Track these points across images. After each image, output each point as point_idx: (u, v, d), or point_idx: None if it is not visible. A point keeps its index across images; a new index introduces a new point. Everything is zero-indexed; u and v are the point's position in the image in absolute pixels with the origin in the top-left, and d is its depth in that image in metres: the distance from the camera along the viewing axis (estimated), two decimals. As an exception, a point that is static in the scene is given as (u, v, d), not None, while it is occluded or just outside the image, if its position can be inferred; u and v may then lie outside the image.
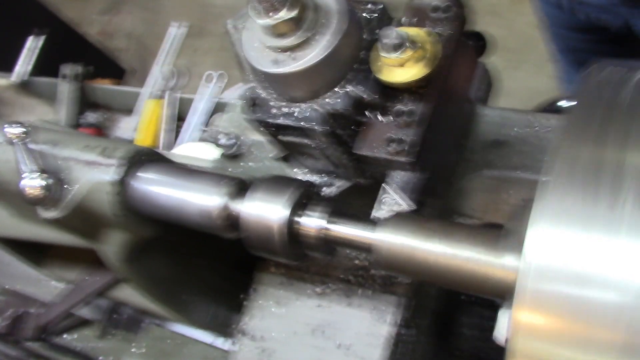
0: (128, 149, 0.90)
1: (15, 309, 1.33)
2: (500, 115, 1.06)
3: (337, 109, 0.79)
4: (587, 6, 1.68)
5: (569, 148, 0.60)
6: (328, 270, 0.95)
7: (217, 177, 0.87)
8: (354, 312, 0.92)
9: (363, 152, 0.82)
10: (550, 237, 0.56)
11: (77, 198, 0.89)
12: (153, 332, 1.32)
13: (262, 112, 0.84)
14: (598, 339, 0.54)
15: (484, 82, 1.08)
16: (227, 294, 1.09)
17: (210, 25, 3.77)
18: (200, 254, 1.11)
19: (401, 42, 0.75)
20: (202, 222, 0.85)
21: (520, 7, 3.18)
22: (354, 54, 0.80)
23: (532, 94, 2.75)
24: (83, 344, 1.34)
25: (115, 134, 1.86)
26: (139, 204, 0.89)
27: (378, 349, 0.88)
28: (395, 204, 0.82)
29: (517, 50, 3.04)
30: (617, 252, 0.54)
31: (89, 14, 4.20)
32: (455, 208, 1.01)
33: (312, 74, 0.77)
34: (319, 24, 0.76)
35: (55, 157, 0.91)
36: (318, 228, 0.79)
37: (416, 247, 0.72)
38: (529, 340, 0.56)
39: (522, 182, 0.97)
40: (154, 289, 1.06)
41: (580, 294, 0.54)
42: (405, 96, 0.80)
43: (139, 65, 3.70)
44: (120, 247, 0.95)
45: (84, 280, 1.17)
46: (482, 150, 1.03)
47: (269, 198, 0.80)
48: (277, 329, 0.95)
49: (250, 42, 0.80)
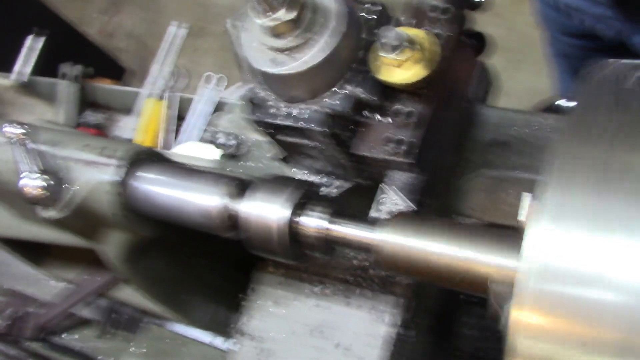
0: (128, 148, 0.90)
1: (15, 309, 1.33)
2: (499, 115, 1.06)
3: (336, 110, 0.79)
4: (582, 13, 1.68)
5: (570, 147, 0.60)
6: (327, 270, 0.95)
7: (217, 177, 0.87)
8: (353, 312, 0.92)
9: (362, 153, 0.82)
10: (550, 237, 0.56)
11: (77, 198, 0.89)
12: (152, 332, 1.32)
13: (261, 112, 0.84)
14: (598, 339, 0.54)
15: (483, 81, 1.08)
16: (227, 294, 1.09)
17: (210, 25, 3.77)
18: (200, 254, 1.11)
19: (400, 42, 0.75)
20: (202, 222, 0.85)
21: (521, 7, 3.17)
22: (352, 54, 0.80)
23: (532, 94, 2.75)
24: (83, 344, 1.35)
25: (115, 134, 1.86)
26: (139, 203, 0.89)
27: (377, 349, 0.88)
28: (393, 205, 0.82)
29: (517, 50, 3.04)
30: (617, 252, 0.54)
31: (89, 13, 4.20)
32: (454, 207, 1.01)
33: (310, 74, 0.77)
34: (318, 24, 0.76)
35: (55, 156, 0.91)
36: (318, 228, 0.79)
37: (417, 247, 0.72)
38: (528, 340, 0.56)
39: (521, 182, 0.97)
40: (154, 289, 1.06)
41: (580, 294, 0.54)
42: (404, 96, 0.80)
43: (139, 65, 3.70)
44: (120, 247, 0.95)
45: (84, 280, 1.17)
46: (481, 150, 1.03)
47: (269, 198, 0.80)
48: (276, 328, 0.95)
49: (249, 42, 0.80)
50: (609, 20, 1.63)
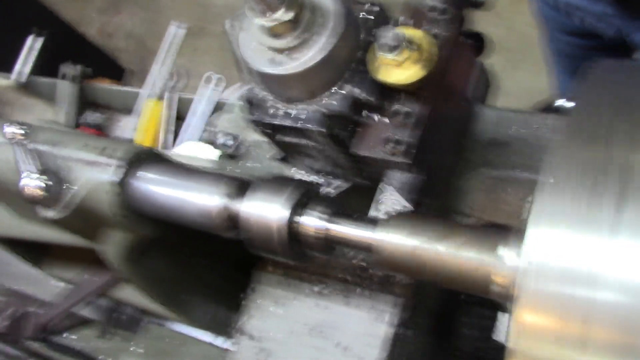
0: (128, 148, 0.90)
1: (15, 309, 1.33)
2: (498, 114, 1.06)
3: (335, 110, 0.80)
4: (582, 11, 1.68)
5: (569, 147, 0.60)
6: (326, 269, 0.95)
7: (217, 177, 0.87)
8: (352, 311, 0.92)
9: (360, 152, 0.82)
10: (551, 237, 0.56)
11: (77, 198, 0.89)
12: (152, 332, 1.32)
13: (260, 112, 0.84)
14: (598, 339, 0.54)
15: (482, 81, 1.08)
16: (227, 293, 1.09)
17: (210, 25, 3.77)
18: (200, 254, 1.11)
19: (398, 42, 0.75)
20: (202, 221, 0.85)
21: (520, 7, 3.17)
22: (351, 54, 0.80)
23: (532, 94, 2.75)
24: (83, 344, 1.35)
25: (115, 134, 1.86)
26: (139, 203, 0.89)
27: (376, 349, 0.88)
28: (392, 204, 0.83)
29: (516, 50, 3.04)
30: (617, 252, 0.54)
31: (88, 13, 4.19)
32: (454, 207, 1.01)
33: (309, 75, 0.77)
34: (317, 25, 0.76)
35: (55, 156, 0.91)
36: (318, 228, 0.79)
37: (417, 246, 0.72)
38: (528, 340, 0.57)
39: (520, 182, 0.97)
40: (154, 288, 1.06)
41: (580, 294, 0.54)
42: (402, 96, 0.81)
43: (138, 65, 3.70)
44: (121, 247, 0.95)
45: (84, 280, 1.17)
46: (481, 150, 1.03)
47: (269, 197, 0.81)
48: (276, 328, 0.95)
49: (247, 42, 0.81)
50: (609, 18, 1.63)
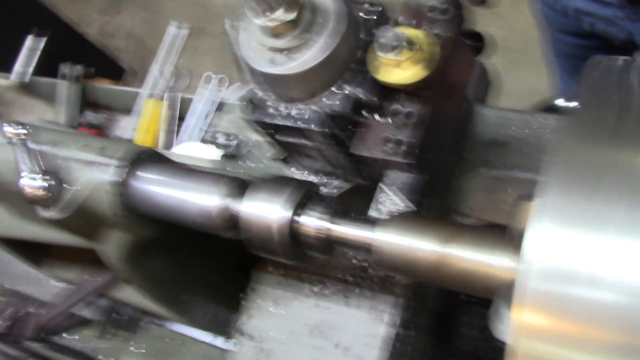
0: (128, 148, 0.90)
1: (15, 309, 1.33)
2: (498, 114, 1.06)
3: (335, 110, 0.79)
4: (593, 17, 1.67)
5: (570, 147, 0.60)
6: (326, 270, 0.95)
7: (217, 177, 0.87)
8: (352, 312, 0.92)
9: (361, 153, 0.82)
10: (551, 237, 0.56)
11: (77, 198, 0.89)
12: (152, 332, 1.32)
13: (260, 112, 0.84)
14: (598, 339, 0.54)
15: (483, 81, 1.08)
16: (227, 294, 1.09)
17: (210, 25, 3.77)
18: (200, 254, 1.11)
19: (398, 42, 0.75)
20: (202, 222, 0.85)
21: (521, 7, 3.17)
22: (351, 55, 0.80)
23: (532, 94, 2.75)
24: (83, 344, 1.34)
25: (115, 134, 1.86)
26: (139, 204, 0.89)
27: (376, 349, 0.88)
28: (393, 204, 0.82)
29: (517, 50, 3.04)
30: (617, 253, 0.54)
31: (88, 13, 4.20)
32: (454, 207, 1.01)
33: (309, 75, 0.77)
34: (317, 25, 0.76)
35: (55, 156, 0.91)
36: (319, 228, 0.79)
37: (417, 247, 0.72)
38: (528, 340, 0.56)
39: (520, 182, 0.97)
40: (154, 289, 1.06)
41: (581, 294, 0.54)
42: (403, 97, 0.81)
43: (139, 65, 3.70)
44: (120, 247, 0.95)
45: (84, 280, 1.17)
46: (481, 150, 1.03)
47: (269, 198, 0.81)
48: (275, 328, 0.95)
49: (247, 42, 0.81)
50: (620, 21, 1.62)
